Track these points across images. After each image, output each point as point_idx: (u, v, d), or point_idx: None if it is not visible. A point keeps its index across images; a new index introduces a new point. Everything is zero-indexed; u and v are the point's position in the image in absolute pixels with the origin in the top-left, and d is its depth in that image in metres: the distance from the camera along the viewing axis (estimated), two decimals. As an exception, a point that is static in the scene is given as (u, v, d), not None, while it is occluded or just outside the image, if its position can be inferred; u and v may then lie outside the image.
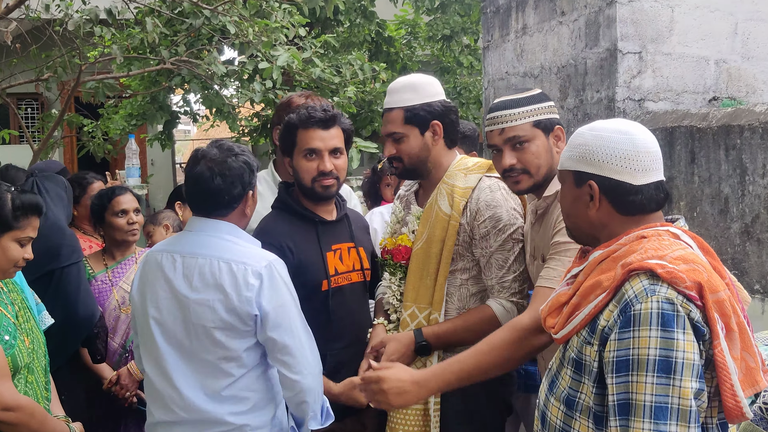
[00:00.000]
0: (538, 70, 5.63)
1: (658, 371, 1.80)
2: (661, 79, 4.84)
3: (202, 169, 2.78)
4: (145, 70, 6.61)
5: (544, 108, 2.72)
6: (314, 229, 3.14)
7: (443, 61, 10.83)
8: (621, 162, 2.02)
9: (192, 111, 9.11)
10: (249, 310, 2.70)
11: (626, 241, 2.02)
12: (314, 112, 3.08)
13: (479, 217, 2.91)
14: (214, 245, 2.77)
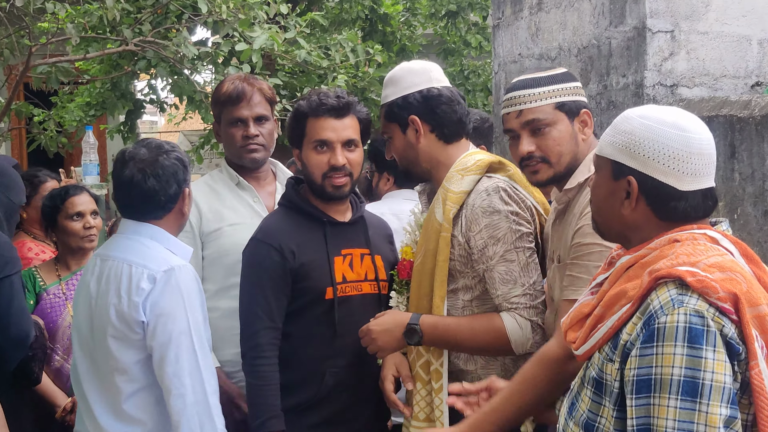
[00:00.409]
0: (556, 52, 5.64)
1: (682, 394, 1.80)
2: (696, 62, 4.85)
3: (132, 171, 2.93)
4: (105, 52, 6.61)
5: (569, 89, 2.71)
6: (322, 230, 3.16)
7: (447, 41, 10.84)
8: (669, 162, 2.01)
9: (159, 99, 9.11)
10: (136, 316, 2.83)
11: (657, 245, 2.02)
12: (326, 99, 3.12)
13: (474, 226, 2.87)
14: (127, 247, 2.95)
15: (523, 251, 2.86)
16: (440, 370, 2.92)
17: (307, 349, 3.12)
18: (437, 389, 2.91)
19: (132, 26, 6.21)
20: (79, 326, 3.01)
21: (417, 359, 3.02)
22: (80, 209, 4.16)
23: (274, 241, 3.10)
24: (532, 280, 2.87)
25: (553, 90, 2.70)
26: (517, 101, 2.72)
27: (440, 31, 11.19)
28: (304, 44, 6.61)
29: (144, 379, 2.90)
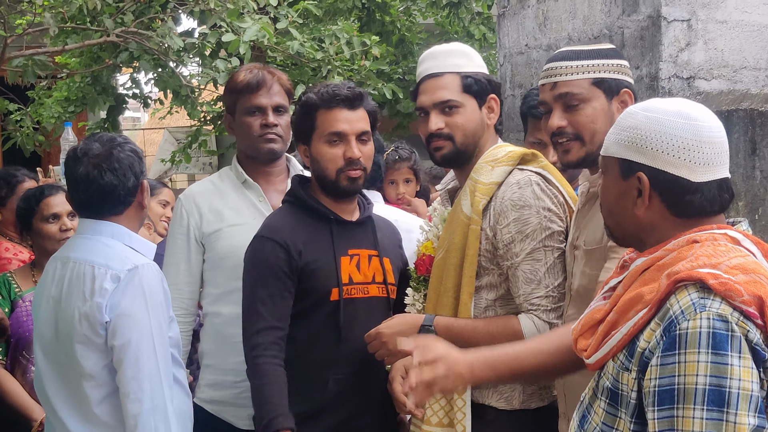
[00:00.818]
0: (565, 43, 5.64)
1: (708, 404, 1.80)
2: (714, 53, 4.84)
3: (86, 168, 2.99)
4: (85, 44, 6.60)
5: (610, 65, 2.71)
6: (328, 228, 3.18)
7: (449, 31, 10.84)
8: (679, 153, 2.00)
9: (142, 94, 9.11)
10: (99, 317, 2.90)
11: (674, 246, 2.01)
12: (338, 90, 3.14)
13: (503, 219, 2.88)
14: (88, 248, 3.01)
15: (552, 251, 2.87)
16: None
17: (309, 354, 3.13)
18: (460, 389, 2.89)
19: (114, 16, 6.20)
20: (41, 333, 3.06)
21: None
22: (56, 210, 4.15)
23: (279, 237, 3.12)
24: (557, 282, 2.87)
25: (591, 65, 2.71)
26: (553, 73, 2.74)
27: (441, 21, 11.17)
28: (296, 35, 6.60)
29: (113, 384, 2.95)
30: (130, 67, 8.26)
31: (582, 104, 2.71)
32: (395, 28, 10.50)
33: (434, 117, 3.02)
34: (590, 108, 2.71)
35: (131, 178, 3.03)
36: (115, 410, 2.96)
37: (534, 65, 5.98)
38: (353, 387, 3.14)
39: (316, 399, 3.11)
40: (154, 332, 2.94)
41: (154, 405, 2.90)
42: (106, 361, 2.94)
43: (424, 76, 3.07)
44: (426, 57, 3.11)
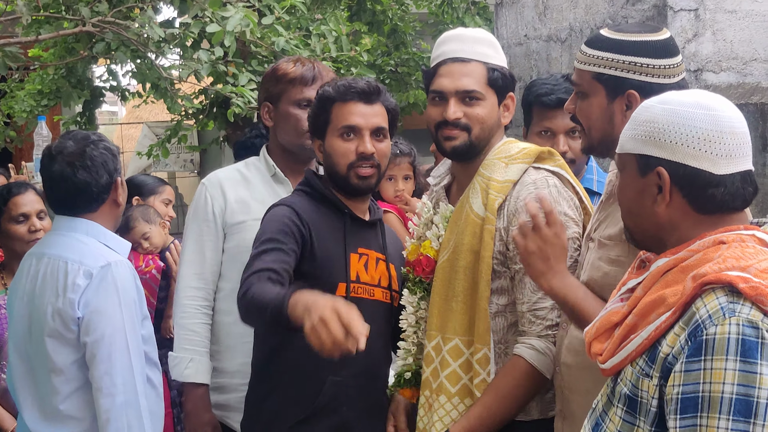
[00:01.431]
0: (566, 33, 5.65)
1: (734, 414, 1.79)
2: (723, 44, 4.86)
3: (61, 166, 3.17)
4: (60, 34, 6.57)
5: (617, 61, 2.63)
6: (342, 221, 3.19)
7: (444, 20, 10.84)
8: (700, 144, 2.00)
9: (120, 86, 9.09)
10: (71, 312, 3.07)
11: (699, 246, 2.01)
12: (355, 83, 3.16)
13: (516, 220, 2.87)
14: (62, 244, 3.19)
15: None
16: (488, 380, 2.90)
17: (308, 353, 3.10)
18: None
19: (90, 4, 6.18)
20: (15, 329, 3.23)
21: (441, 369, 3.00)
22: (25, 210, 4.14)
23: (297, 208, 3.11)
24: None
25: (596, 57, 2.66)
26: (577, 56, 2.73)
27: (435, 10, 11.17)
28: (282, 32, 6.60)
29: (81, 378, 3.12)
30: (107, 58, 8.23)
31: (584, 96, 2.71)
32: (387, 17, 10.49)
33: (454, 104, 3.00)
34: (587, 103, 2.70)
35: (104, 176, 3.20)
36: (83, 405, 3.12)
37: (533, 56, 5.99)
38: (352, 391, 3.15)
39: (310, 402, 3.11)
40: (127, 328, 3.10)
41: (126, 400, 3.06)
42: (77, 357, 3.10)
43: (448, 58, 3.04)
44: (450, 38, 3.09)
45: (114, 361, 3.07)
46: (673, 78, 2.63)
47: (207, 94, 8.87)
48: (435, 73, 3.07)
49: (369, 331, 3.10)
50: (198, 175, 16.52)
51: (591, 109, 2.69)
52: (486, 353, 2.90)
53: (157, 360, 3.37)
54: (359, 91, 3.15)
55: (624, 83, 2.64)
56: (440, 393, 2.97)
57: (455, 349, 2.96)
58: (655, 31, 2.67)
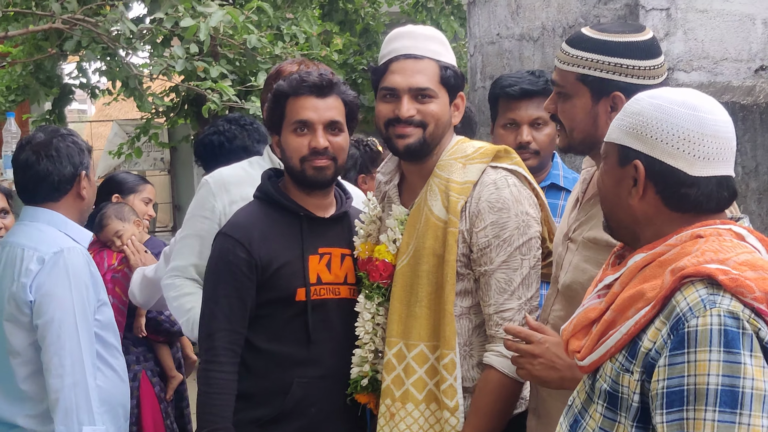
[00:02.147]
0: (539, 32, 5.67)
1: (720, 405, 1.80)
2: (694, 44, 4.89)
3: (27, 154, 3.37)
4: (29, 31, 6.54)
5: (602, 62, 2.60)
6: (298, 224, 3.17)
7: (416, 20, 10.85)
8: (678, 143, 2.01)
9: (89, 83, 9.03)
10: (24, 296, 3.24)
11: (677, 241, 2.02)
12: (307, 77, 3.14)
13: (479, 222, 2.86)
14: (23, 233, 3.38)
15: (528, 259, 2.86)
16: (455, 385, 2.87)
17: (273, 356, 3.13)
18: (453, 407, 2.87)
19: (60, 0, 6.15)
20: None
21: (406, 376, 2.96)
22: None
23: (240, 235, 3.12)
24: (530, 294, 2.87)
25: (581, 58, 2.63)
26: (558, 56, 2.70)
27: (408, 10, 11.18)
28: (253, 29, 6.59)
29: (38, 361, 3.27)
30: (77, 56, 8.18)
31: (566, 97, 2.68)
32: (359, 17, 10.50)
33: (407, 102, 2.95)
34: (570, 104, 2.68)
35: (68, 167, 3.37)
36: (41, 386, 3.26)
37: (506, 55, 6.01)
38: (319, 392, 3.13)
39: (277, 403, 3.11)
40: (77, 312, 3.25)
41: (75, 380, 3.21)
42: (32, 340, 3.26)
43: (401, 54, 2.99)
44: (401, 35, 3.04)
45: (63, 342, 3.22)
46: (658, 79, 2.63)
47: (178, 92, 8.84)
48: (386, 69, 3.01)
49: (335, 330, 3.11)
50: (168, 173, 16.43)
51: (574, 111, 2.67)
52: (453, 358, 2.86)
53: (118, 345, 3.51)
54: (311, 84, 3.12)
55: (609, 85, 2.62)
56: (406, 401, 2.93)
57: (420, 355, 2.93)
58: (638, 31, 2.67)
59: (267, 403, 3.12)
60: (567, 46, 2.68)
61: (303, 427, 3.14)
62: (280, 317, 3.12)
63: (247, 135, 4.11)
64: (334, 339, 3.15)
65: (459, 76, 3.03)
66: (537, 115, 3.66)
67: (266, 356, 3.13)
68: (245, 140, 4.10)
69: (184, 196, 15.55)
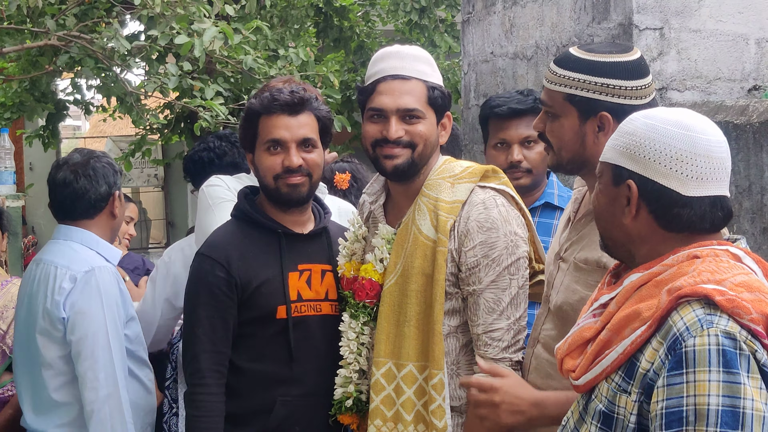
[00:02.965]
0: (533, 51, 5.70)
1: (722, 426, 1.79)
2: (687, 63, 4.91)
3: (65, 173, 3.58)
4: (24, 47, 6.55)
5: (590, 83, 2.60)
6: (277, 242, 3.17)
7: (410, 38, 10.88)
8: (671, 163, 2.01)
9: (84, 100, 9.05)
10: (57, 313, 3.41)
11: (673, 261, 2.02)
12: (279, 95, 3.14)
13: (468, 242, 2.85)
14: (57, 251, 3.56)
15: (516, 279, 2.85)
16: (443, 405, 2.84)
17: (256, 375, 3.12)
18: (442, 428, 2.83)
19: (56, 17, 6.16)
20: (18, 328, 3.61)
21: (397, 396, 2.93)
22: None
23: (219, 255, 3.12)
24: (519, 314, 2.85)
25: (568, 78, 2.62)
26: (546, 75, 2.70)
27: (402, 28, 11.21)
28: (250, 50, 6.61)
29: (69, 372, 3.45)
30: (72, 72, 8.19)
31: (554, 117, 2.68)
32: (354, 34, 10.52)
33: (395, 123, 2.95)
34: (558, 124, 2.68)
35: (104, 186, 3.59)
36: (71, 395, 3.45)
37: (500, 74, 6.03)
38: (302, 410, 3.13)
39: (260, 423, 3.11)
40: (109, 328, 3.40)
41: (108, 393, 3.37)
42: (64, 353, 3.43)
43: (388, 75, 2.98)
44: (389, 55, 3.03)
45: (97, 357, 3.37)
46: (645, 99, 2.62)
47: (173, 109, 8.85)
48: (374, 90, 3.00)
49: (318, 348, 3.10)
50: (162, 190, 16.43)
51: (562, 131, 2.67)
52: (442, 378, 2.84)
53: (146, 358, 3.65)
54: (283, 103, 3.12)
55: (597, 105, 2.61)
56: (398, 421, 2.91)
57: (409, 375, 2.91)
58: (626, 51, 2.67)
59: (251, 423, 3.12)
60: (555, 66, 2.68)
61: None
62: (261, 336, 3.12)
63: (237, 151, 4.11)
64: (317, 356, 3.15)
65: (446, 96, 3.02)
66: (527, 133, 3.67)
67: (249, 376, 3.13)
68: (235, 157, 4.10)
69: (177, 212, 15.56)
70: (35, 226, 14.31)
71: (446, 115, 3.05)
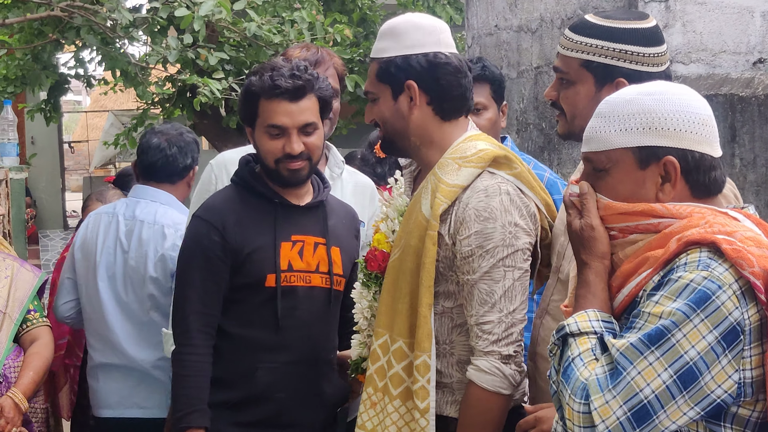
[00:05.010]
0: (537, 24, 5.68)
1: (646, 336, 1.87)
2: (693, 36, 4.90)
3: (159, 140, 4.15)
4: (28, 18, 6.54)
5: (608, 49, 2.59)
6: (273, 212, 3.18)
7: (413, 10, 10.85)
8: (701, 128, 2.03)
9: (86, 73, 9.03)
10: (171, 266, 3.89)
11: (685, 212, 2.03)
12: (280, 80, 3.09)
13: (464, 230, 2.74)
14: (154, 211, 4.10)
15: (512, 271, 2.73)
16: (427, 387, 2.80)
17: (241, 341, 3.15)
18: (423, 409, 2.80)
19: (59, -13, 6.15)
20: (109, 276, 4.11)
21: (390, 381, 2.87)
22: None
23: (215, 219, 3.14)
24: (513, 306, 2.73)
25: (585, 44, 2.62)
26: (561, 42, 2.68)
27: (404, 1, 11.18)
28: (254, 17, 6.58)
29: None
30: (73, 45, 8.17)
31: (569, 83, 2.67)
32: (356, 6, 10.50)
33: (367, 108, 2.98)
34: (574, 90, 2.67)
35: (189, 159, 4.18)
36: None
37: (504, 47, 6.02)
38: (287, 379, 3.14)
39: (244, 388, 3.13)
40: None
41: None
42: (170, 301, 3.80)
43: None
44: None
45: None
46: (661, 66, 2.62)
47: (174, 82, 8.84)
48: None
49: (305, 318, 3.12)
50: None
51: (578, 98, 2.66)
52: (425, 360, 2.78)
53: None
54: (284, 90, 3.09)
55: (614, 71, 2.60)
56: (386, 394, 2.87)
57: (399, 350, 2.85)
58: (642, 18, 2.66)
59: (235, 387, 3.13)
60: (571, 32, 2.67)
61: (272, 411, 3.15)
62: (250, 302, 3.14)
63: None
64: (304, 326, 3.17)
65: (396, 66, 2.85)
66: (475, 100, 3.51)
67: (236, 341, 3.15)
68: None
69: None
70: (37, 200, 14.33)
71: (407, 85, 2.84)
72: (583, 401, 1.89)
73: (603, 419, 1.87)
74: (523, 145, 5.54)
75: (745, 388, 1.89)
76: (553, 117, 2.94)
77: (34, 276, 4.18)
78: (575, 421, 1.90)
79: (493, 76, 3.77)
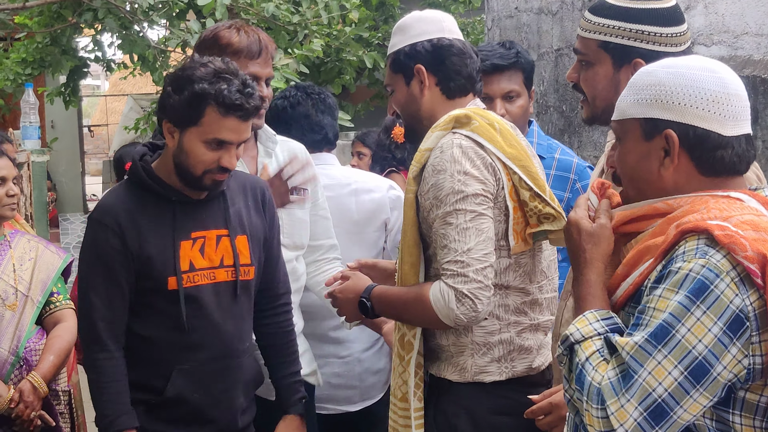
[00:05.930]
0: (558, 5, 5.66)
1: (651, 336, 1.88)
2: (715, 17, 4.88)
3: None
4: (46, 1, 6.55)
5: (623, 29, 2.61)
6: (170, 209, 3.10)
7: (433, -5, 10.85)
8: (709, 105, 2.01)
9: (105, 57, 9.04)
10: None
11: (686, 201, 2.04)
12: (239, 99, 2.99)
13: (425, 186, 2.88)
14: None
15: (464, 214, 2.81)
16: (413, 341, 2.96)
17: (152, 347, 3.11)
18: (407, 362, 2.96)
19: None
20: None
21: (396, 331, 3.06)
22: (2, 174, 4.11)
23: (111, 221, 3.05)
24: (467, 246, 2.80)
25: (602, 24, 2.64)
26: (581, 24, 2.70)
27: (423, -17, 11.18)
28: (274, -3, 6.58)
29: None
30: (93, 29, 8.19)
31: (588, 65, 2.69)
32: (375, -9, 10.49)
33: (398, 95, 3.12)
34: (593, 72, 2.68)
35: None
36: None
37: (524, 29, 6.00)
38: (204, 378, 3.12)
39: (159, 390, 3.11)
40: None
41: None
42: None
43: None
44: None
45: None
46: (680, 46, 2.61)
47: (193, 66, 8.84)
48: None
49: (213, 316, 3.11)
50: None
51: (596, 78, 2.68)
52: None
53: None
54: (244, 111, 2.99)
55: (631, 52, 2.61)
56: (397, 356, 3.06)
57: None
58: None
59: (150, 390, 3.11)
60: (589, 13, 2.68)
61: (189, 411, 3.13)
62: (156, 306, 3.07)
63: (311, 103, 4.14)
64: (212, 324, 3.12)
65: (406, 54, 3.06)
66: (509, 88, 3.71)
67: (147, 343, 3.10)
68: (308, 108, 4.11)
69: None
70: (57, 183, 14.38)
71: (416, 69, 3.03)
72: (600, 406, 1.91)
73: (621, 423, 1.89)
74: (544, 127, 5.53)
75: (755, 373, 1.90)
76: (574, 99, 2.95)
77: (58, 258, 4.14)
78: (596, 427, 1.92)
79: (527, 63, 3.79)
